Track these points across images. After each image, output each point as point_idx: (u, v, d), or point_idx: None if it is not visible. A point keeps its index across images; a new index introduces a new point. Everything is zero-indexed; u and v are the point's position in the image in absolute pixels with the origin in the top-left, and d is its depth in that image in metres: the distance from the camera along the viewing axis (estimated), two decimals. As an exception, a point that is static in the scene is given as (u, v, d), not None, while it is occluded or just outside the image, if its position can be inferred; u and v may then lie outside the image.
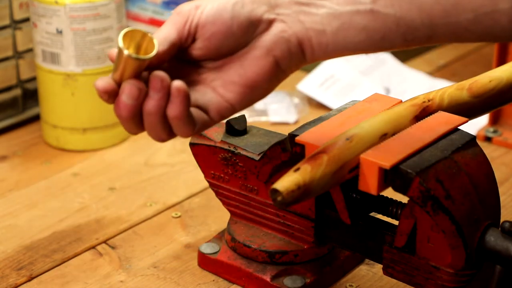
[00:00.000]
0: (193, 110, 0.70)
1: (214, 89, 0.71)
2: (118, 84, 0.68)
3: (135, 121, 0.69)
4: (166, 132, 0.70)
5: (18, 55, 1.21)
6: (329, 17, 0.69)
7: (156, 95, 0.68)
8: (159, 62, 0.70)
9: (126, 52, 0.66)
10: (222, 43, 0.70)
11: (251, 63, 0.70)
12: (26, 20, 1.20)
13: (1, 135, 1.21)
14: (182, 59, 0.72)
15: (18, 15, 1.19)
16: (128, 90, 0.68)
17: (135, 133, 0.71)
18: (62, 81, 1.14)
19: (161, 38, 0.69)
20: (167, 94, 0.68)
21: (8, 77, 1.21)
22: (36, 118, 1.24)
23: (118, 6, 1.14)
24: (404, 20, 0.68)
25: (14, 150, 1.18)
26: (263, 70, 0.70)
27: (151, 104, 0.68)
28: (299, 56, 0.71)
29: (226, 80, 0.71)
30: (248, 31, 0.70)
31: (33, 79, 1.23)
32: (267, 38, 0.70)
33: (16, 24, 1.20)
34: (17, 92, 1.22)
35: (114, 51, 0.69)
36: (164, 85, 0.67)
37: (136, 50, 0.68)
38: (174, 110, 0.68)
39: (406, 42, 0.70)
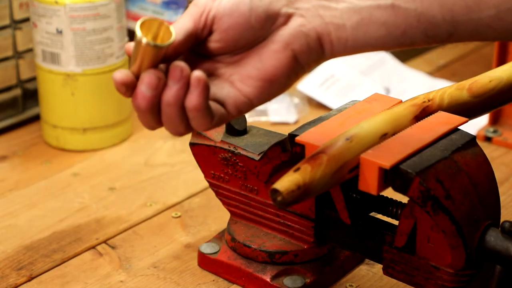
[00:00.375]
0: (211, 103, 0.69)
1: (232, 83, 0.70)
2: (136, 76, 0.68)
3: (153, 114, 0.68)
4: (184, 125, 0.69)
5: (18, 55, 1.21)
6: (349, 12, 0.68)
7: (176, 85, 0.67)
8: (176, 53, 0.69)
9: (144, 40, 0.65)
10: (240, 36, 0.69)
11: (269, 57, 0.69)
12: (26, 20, 1.20)
13: (1, 135, 1.21)
14: (199, 53, 0.71)
15: (18, 15, 1.19)
16: (148, 80, 0.67)
17: (153, 128, 0.70)
18: (62, 81, 1.14)
19: (177, 29, 0.68)
20: (186, 84, 0.67)
21: (8, 77, 1.21)
22: (36, 118, 1.24)
23: (118, 6, 1.14)
24: (425, 16, 0.67)
25: (14, 150, 1.18)
26: (282, 64, 0.69)
27: (170, 94, 0.67)
28: (318, 51, 0.70)
29: (244, 74, 0.70)
30: (266, 24, 0.69)
31: (33, 79, 1.23)
32: (286, 32, 0.69)
33: (16, 24, 1.20)
34: (17, 92, 1.22)
35: (130, 45, 0.68)
36: (184, 75, 0.67)
37: (153, 39, 0.67)
38: (193, 100, 0.67)
39: (427, 38, 0.69)
